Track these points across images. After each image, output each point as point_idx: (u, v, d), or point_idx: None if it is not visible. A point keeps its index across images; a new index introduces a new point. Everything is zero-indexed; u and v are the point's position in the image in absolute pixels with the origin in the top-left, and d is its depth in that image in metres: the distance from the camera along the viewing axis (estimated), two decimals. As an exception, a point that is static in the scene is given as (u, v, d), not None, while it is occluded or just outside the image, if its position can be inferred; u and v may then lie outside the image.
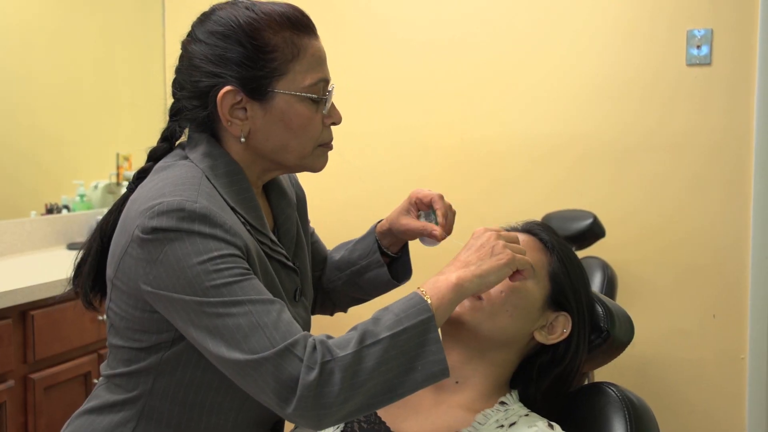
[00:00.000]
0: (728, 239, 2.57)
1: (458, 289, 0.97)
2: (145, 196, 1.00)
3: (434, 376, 0.93)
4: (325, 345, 0.91)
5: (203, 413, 1.07)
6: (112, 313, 1.07)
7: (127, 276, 1.00)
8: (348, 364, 0.89)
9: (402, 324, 0.92)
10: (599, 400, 1.12)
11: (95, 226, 1.15)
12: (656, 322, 2.62)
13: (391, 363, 0.91)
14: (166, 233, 0.95)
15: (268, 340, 0.90)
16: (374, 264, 1.29)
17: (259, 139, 1.07)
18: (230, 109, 1.05)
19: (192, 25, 1.10)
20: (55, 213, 2.79)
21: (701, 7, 2.55)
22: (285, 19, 1.05)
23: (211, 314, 0.92)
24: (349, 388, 0.89)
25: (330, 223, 2.84)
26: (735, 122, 2.54)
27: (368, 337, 0.91)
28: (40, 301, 2.05)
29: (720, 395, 2.59)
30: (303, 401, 0.88)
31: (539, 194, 2.75)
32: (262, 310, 0.93)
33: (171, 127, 1.14)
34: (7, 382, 1.98)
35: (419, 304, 0.94)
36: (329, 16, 2.96)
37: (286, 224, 1.20)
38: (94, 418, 1.09)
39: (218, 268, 0.93)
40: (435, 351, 0.93)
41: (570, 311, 1.14)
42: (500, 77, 2.80)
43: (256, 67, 1.03)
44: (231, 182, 1.06)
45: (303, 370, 0.88)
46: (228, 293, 0.92)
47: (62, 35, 2.86)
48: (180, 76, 1.10)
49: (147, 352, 1.04)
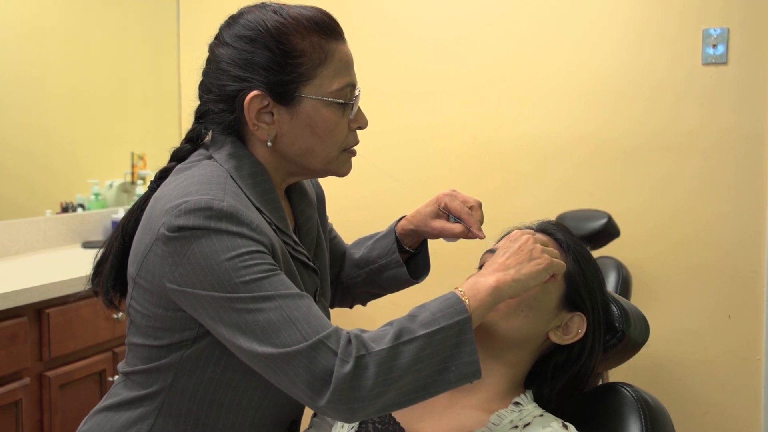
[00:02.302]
0: (743, 239, 2.55)
1: (496, 292, 0.98)
2: (170, 194, 1.00)
3: (467, 377, 0.93)
4: (359, 339, 0.91)
5: (222, 411, 1.07)
6: (133, 311, 1.07)
7: (152, 274, 1.00)
8: (383, 358, 0.89)
9: (439, 323, 0.93)
10: (614, 400, 1.11)
11: (116, 225, 1.15)
12: (671, 322, 2.61)
13: (425, 361, 0.91)
14: (193, 231, 0.95)
15: (300, 333, 0.90)
16: (393, 263, 1.29)
17: (285, 143, 1.07)
18: (257, 114, 1.04)
19: (219, 27, 1.10)
20: (70, 212, 2.81)
21: (717, 6, 2.53)
22: (313, 23, 1.05)
23: (241, 310, 0.92)
24: (383, 383, 0.89)
25: (344, 221, 2.84)
26: (749, 121, 2.52)
27: (405, 334, 0.91)
28: (55, 299, 2.07)
29: (735, 396, 2.57)
30: (337, 393, 0.88)
31: (550, 193, 2.74)
32: (292, 304, 0.93)
33: (197, 129, 1.14)
34: (22, 379, 1.99)
35: (457, 304, 0.95)
36: (341, 16, 2.95)
37: (307, 225, 1.20)
38: (112, 414, 1.10)
39: (246, 264, 0.94)
40: (469, 352, 0.93)
41: (585, 311, 1.13)
42: (511, 76, 2.79)
43: (284, 71, 1.03)
44: (255, 183, 1.06)
45: (337, 362, 0.89)
46: (257, 288, 0.93)
47: (76, 36, 2.88)
48: (207, 79, 1.10)
49: (168, 350, 1.05)
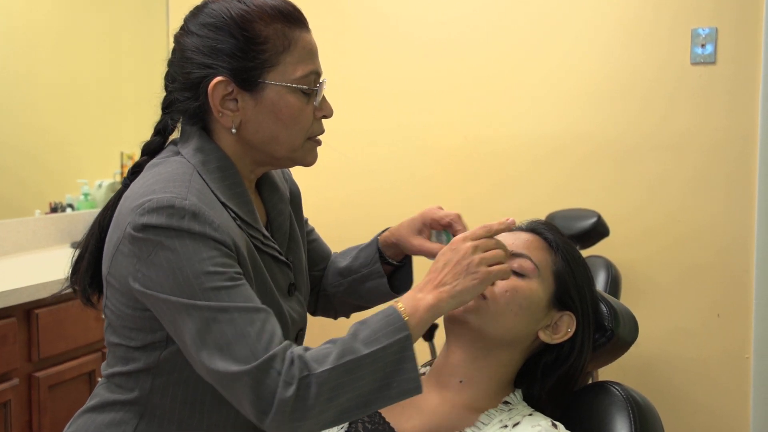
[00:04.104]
0: (732, 238, 2.56)
1: (435, 309, 0.99)
2: (136, 192, 1.00)
3: (407, 393, 0.95)
4: (303, 360, 0.92)
5: (204, 410, 1.07)
6: (108, 311, 1.07)
7: (120, 273, 1.01)
8: (325, 379, 0.91)
9: (380, 342, 0.94)
10: (603, 399, 1.12)
11: (92, 223, 1.15)
12: (660, 321, 2.62)
13: (367, 378, 0.93)
14: (157, 231, 0.95)
15: (250, 350, 0.91)
16: (375, 274, 1.29)
17: (250, 130, 1.08)
18: (221, 100, 1.05)
19: (185, 18, 1.11)
20: (60, 212, 2.80)
21: (706, 6, 2.54)
22: (276, 11, 1.06)
23: (197, 318, 0.93)
24: (325, 402, 0.91)
25: (332, 222, 2.84)
26: (739, 121, 2.53)
27: (347, 354, 0.93)
28: (44, 300, 2.05)
29: (724, 394, 2.58)
30: (279, 415, 0.90)
31: (542, 193, 2.74)
32: (247, 319, 0.94)
33: (163, 120, 1.14)
34: (11, 380, 1.98)
35: (397, 322, 0.96)
36: (332, 14, 2.96)
37: (279, 219, 1.20)
38: (95, 416, 1.09)
39: (208, 272, 0.94)
40: (410, 369, 0.94)
41: (574, 310, 1.14)
42: (503, 76, 2.79)
43: (247, 58, 1.04)
44: (223, 177, 1.06)
45: (281, 385, 0.90)
46: (215, 298, 0.93)
47: (66, 35, 2.86)
48: (172, 68, 1.11)
49: (142, 351, 1.05)
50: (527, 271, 1.12)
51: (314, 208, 1.35)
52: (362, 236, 1.41)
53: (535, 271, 1.12)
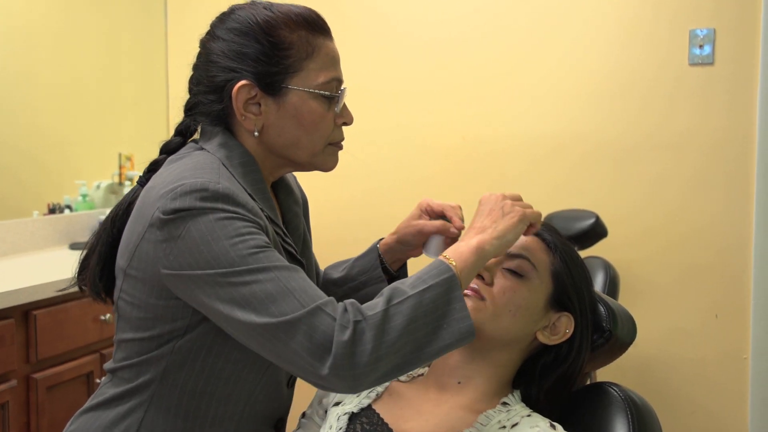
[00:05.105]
0: (730, 239, 2.56)
1: (480, 252, 1.00)
2: (163, 181, 1.01)
3: (461, 335, 0.94)
4: (355, 306, 0.93)
5: (212, 402, 1.08)
6: (124, 304, 1.07)
7: (145, 262, 1.01)
8: (378, 322, 0.91)
9: (426, 282, 0.95)
10: (602, 400, 1.12)
11: (104, 219, 1.16)
12: (658, 322, 2.62)
13: (419, 321, 0.92)
14: (190, 212, 0.96)
15: (298, 302, 0.92)
16: (374, 279, 1.29)
17: (272, 134, 1.10)
18: (245, 104, 1.07)
19: (211, 23, 1.13)
20: (58, 213, 2.80)
21: (704, 7, 2.54)
22: (301, 18, 1.09)
23: (238, 283, 0.93)
24: (381, 346, 0.90)
25: (332, 222, 2.84)
26: (737, 122, 2.54)
27: (395, 296, 0.93)
28: (42, 301, 2.05)
29: (722, 395, 2.59)
30: (338, 359, 0.89)
31: (541, 193, 2.74)
32: (289, 275, 0.94)
33: (185, 121, 1.16)
34: (9, 381, 1.98)
35: (441, 265, 0.97)
36: (332, 14, 2.95)
37: (295, 221, 1.22)
38: (99, 413, 1.10)
39: (242, 239, 0.95)
40: (460, 308, 0.94)
41: (573, 311, 1.14)
42: (502, 76, 2.79)
43: (272, 63, 1.06)
44: (246, 172, 1.08)
45: (337, 328, 0.90)
46: (253, 261, 0.94)
47: (65, 36, 2.86)
48: (197, 72, 1.13)
49: (159, 341, 1.05)
50: (525, 272, 1.12)
51: (313, 207, 1.35)
52: (361, 236, 1.41)
53: (534, 272, 1.12)
